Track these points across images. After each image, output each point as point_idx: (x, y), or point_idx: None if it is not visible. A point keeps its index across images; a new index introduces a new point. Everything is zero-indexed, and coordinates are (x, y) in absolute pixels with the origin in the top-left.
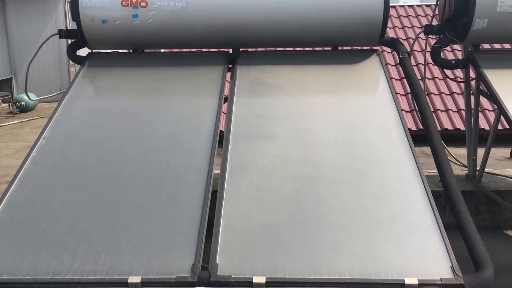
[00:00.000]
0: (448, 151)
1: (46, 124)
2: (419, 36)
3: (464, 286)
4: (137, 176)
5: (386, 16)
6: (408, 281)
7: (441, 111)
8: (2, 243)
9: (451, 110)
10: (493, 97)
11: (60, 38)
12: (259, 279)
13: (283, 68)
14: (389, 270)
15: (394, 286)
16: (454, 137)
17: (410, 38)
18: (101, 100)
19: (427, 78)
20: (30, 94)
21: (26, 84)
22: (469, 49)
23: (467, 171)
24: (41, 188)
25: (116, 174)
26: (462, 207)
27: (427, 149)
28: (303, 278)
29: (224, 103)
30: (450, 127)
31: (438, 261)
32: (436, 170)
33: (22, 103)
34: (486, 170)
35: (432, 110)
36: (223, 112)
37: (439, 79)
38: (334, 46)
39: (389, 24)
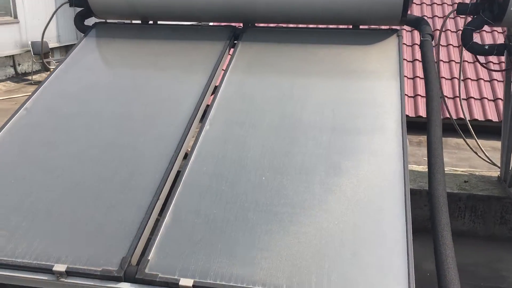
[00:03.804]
0: (480, 146)
1: (31, 94)
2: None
3: None
4: (99, 157)
5: None
6: None
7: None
8: None
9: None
10: None
11: (70, 6)
12: (186, 282)
13: (289, 46)
14: (335, 285)
15: None
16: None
17: (436, 16)
18: (92, 73)
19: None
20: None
21: (42, 50)
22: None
23: (499, 173)
24: (3, 162)
25: (79, 153)
26: (442, 220)
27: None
28: (234, 286)
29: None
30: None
31: (394, 283)
32: (463, 169)
33: None
34: None
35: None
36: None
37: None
38: (354, 24)
39: (417, 1)
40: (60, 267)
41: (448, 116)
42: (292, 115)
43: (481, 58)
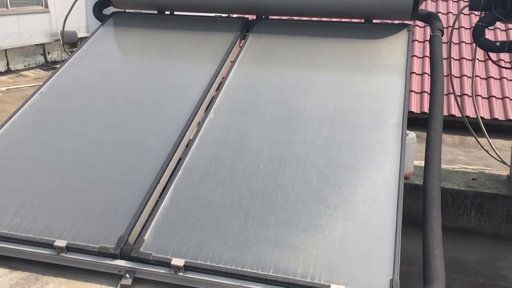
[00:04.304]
0: (491, 144)
1: (47, 79)
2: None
3: None
4: (107, 140)
5: None
6: None
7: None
8: None
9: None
10: None
11: None
12: (177, 262)
13: (298, 38)
14: (319, 272)
15: None
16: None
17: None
18: (105, 60)
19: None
20: None
21: (62, 38)
22: None
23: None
24: (17, 143)
25: (88, 135)
26: (433, 213)
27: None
28: (223, 268)
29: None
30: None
31: (379, 271)
32: (473, 167)
33: None
34: None
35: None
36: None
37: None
38: (366, 18)
39: None
40: (60, 243)
41: (465, 114)
42: (295, 106)
43: (506, 57)
